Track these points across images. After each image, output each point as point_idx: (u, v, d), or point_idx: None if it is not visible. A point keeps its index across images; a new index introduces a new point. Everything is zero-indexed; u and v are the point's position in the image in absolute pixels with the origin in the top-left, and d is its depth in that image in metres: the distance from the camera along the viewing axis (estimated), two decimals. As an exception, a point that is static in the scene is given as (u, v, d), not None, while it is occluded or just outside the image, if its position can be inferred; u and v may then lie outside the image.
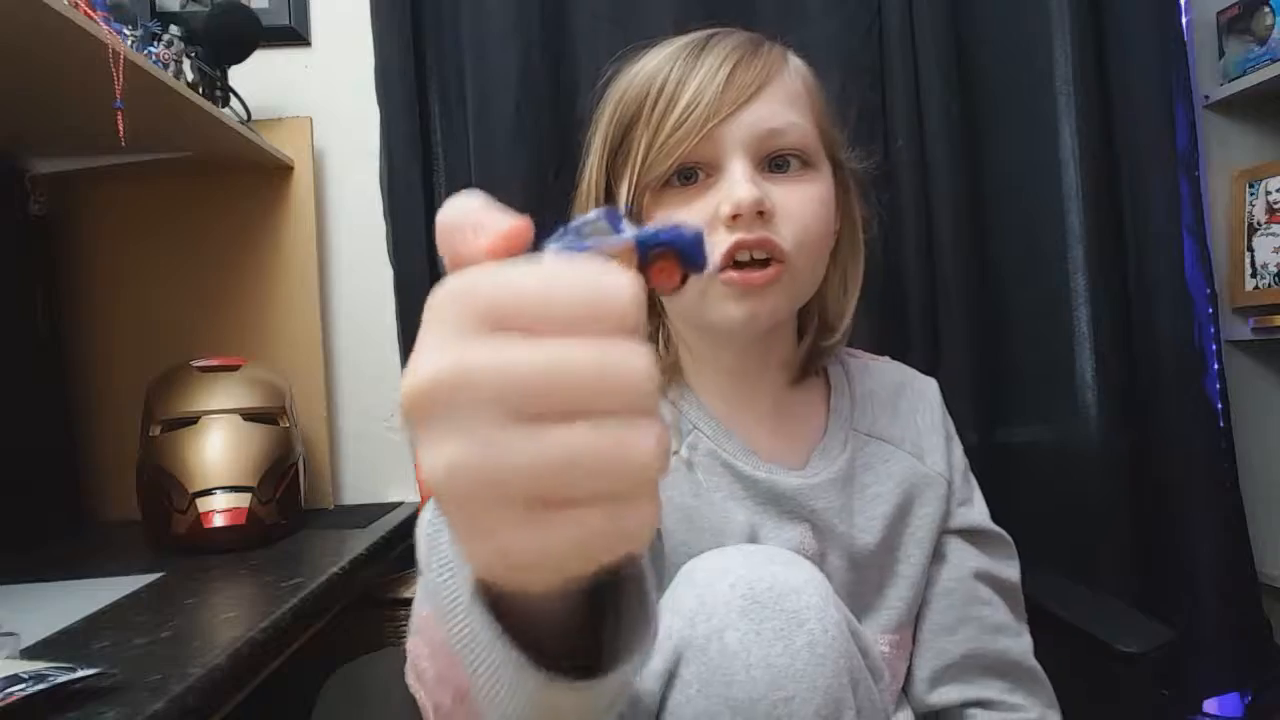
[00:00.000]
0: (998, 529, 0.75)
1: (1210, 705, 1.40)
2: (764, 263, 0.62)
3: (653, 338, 0.71)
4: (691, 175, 0.64)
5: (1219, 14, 1.49)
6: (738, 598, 0.52)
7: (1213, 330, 1.43)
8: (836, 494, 0.69)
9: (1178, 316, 1.37)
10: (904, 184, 1.34)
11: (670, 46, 0.66)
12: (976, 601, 0.71)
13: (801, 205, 0.63)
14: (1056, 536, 1.35)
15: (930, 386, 0.79)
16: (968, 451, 0.77)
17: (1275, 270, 1.44)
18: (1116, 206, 1.37)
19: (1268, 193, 1.46)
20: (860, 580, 0.69)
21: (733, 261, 0.61)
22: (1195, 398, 1.37)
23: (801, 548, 0.66)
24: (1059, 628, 0.86)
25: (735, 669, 0.50)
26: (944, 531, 0.72)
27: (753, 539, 0.66)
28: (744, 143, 0.62)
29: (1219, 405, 1.40)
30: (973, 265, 1.35)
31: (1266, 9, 1.40)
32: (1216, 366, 1.41)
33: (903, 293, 1.35)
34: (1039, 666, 0.72)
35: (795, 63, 0.68)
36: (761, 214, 0.60)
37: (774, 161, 0.64)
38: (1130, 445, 1.34)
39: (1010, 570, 0.73)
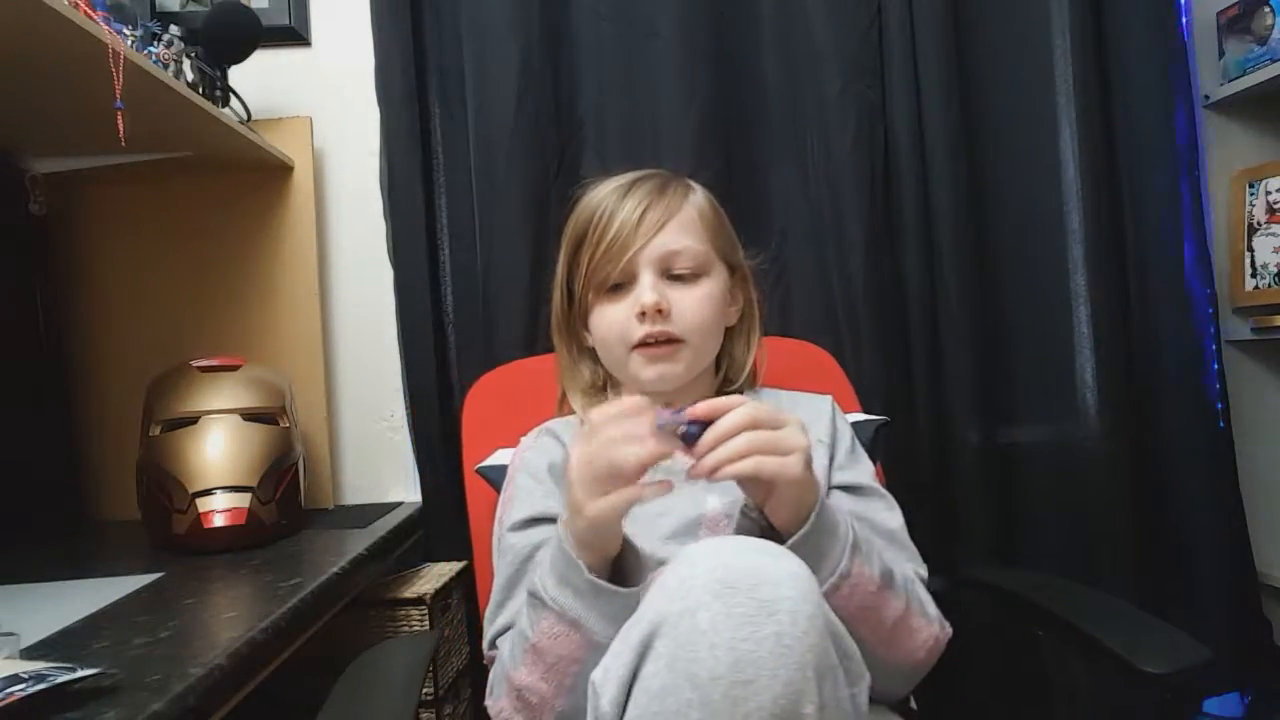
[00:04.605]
0: (880, 488, 0.88)
1: (1210, 705, 1.40)
2: (665, 342, 0.87)
3: (598, 377, 0.97)
4: (620, 286, 0.89)
5: (1219, 14, 1.49)
6: (714, 581, 0.55)
7: (1213, 330, 1.43)
8: None
9: (1178, 316, 1.37)
10: (904, 184, 1.34)
11: (611, 184, 0.92)
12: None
13: (695, 302, 0.88)
14: (1057, 536, 1.35)
15: (826, 398, 0.98)
16: (968, 451, 0.78)
17: (1275, 270, 1.44)
18: (1116, 206, 1.37)
19: (1268, 193, 1.46)
20: (762, 532, 0.75)
21: (643, 342, 0.87)
22: (1195, 398, 1.37)
23: (716, 511, 0.84)
24: (1068, 635, 0.83)
25: (700, 647, 0.53)
26: (830, 487, 0.86)
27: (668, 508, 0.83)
28: (651, 261, 0.88)
29: (1219, 405, 1.40)
30: (973, 265, 1.35)
31: (1266, 9, 1.40)
32: (1216, 366, 1.41)
33: (903, 293, 1.35)
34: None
35: (695, 198, 0.93)
36: (661, 311, 0.86)
37: (674, 273, 0.89)
38: (1130, 445, 1.34)
39: (888, 518, 0.86)
